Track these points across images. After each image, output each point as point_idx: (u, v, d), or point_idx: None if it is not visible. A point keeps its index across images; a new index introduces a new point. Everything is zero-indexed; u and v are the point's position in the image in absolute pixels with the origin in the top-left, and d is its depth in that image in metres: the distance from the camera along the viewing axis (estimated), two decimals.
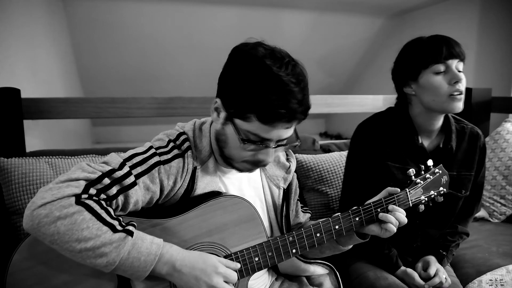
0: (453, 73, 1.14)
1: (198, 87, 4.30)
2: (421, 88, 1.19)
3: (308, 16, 4.07)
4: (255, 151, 0.90)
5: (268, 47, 0.87)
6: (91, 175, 0.80)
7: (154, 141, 0.95)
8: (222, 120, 0.90)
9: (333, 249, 1.07)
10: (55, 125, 2.84)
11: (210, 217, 0.91)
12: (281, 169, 1.11)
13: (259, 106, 0.82)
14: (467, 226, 1.37)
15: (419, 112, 1.24)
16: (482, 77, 3.25)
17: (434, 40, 1.17)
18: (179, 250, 0.82)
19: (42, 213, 0.73)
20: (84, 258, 0.74)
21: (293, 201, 1.14)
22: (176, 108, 1.82)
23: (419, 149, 1.24)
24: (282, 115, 0.82)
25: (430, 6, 3.85)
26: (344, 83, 5.26)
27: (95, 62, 4.05)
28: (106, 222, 0.76)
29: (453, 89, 1.14)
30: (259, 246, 0.92)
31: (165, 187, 0.90)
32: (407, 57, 1.21)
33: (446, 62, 1.14)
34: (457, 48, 1.15)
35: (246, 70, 0.83)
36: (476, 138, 1.30)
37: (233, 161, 0.94)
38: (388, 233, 0.98)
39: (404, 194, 1.05)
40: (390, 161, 1.24)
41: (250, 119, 0.84)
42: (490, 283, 1.31)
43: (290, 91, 0.81)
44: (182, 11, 3.65)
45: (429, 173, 1.10)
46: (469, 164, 1.29)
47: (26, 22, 2.40)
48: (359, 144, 1.29)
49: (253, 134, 0.86)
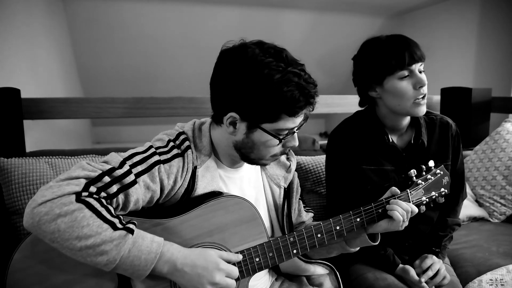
0: (417, 78, 1.15)
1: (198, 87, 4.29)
2: (386, 93, 1.19)
3: (308, 16, 4.07)
4: (285, 142, 0.93)
5: (255, 45, 0.89)
6: (91, 174, 0.80)
7: (154, 141, 0.95)
8: (244, 131, 0.91)
9: (341, 250, 1.08)
10: (55, 125, 2.85)
11: (211, 217, 0.91)
12: (282, 168, 1.11)
13: (287, 105, 0.86)
14: (456, 216, 1.37)
15: (386, 112, 1.25)
16: (482, 77, 3.25)
17: (395, 44, 1.15)
18: (179, 249, 0.82)
19: (43, 211, 0.73)
20: (85, 256, 0.74)
21: (295, 200, 1.14)
22: (176, 108, 1.82)
23: (391, 148, 1.25)
24: (307, 102, 0.88)
25: (430, 6, 3.85)
26: (344, 83, 5.26)
27: (95, 62, 4.05)
28: (107, 220, 0.76)
29: (418, 93, 1.15)
30: (259, 247, 0.91)
31: (165, 187, 0.90)
32: (369, 60, 1.20)
33: (410, 67, 1.14)
34: (418, 51, 1.15)
35: (259, 78, 0.84)
36: (447, 127, 1.31)
37: (261, 160, 0.96)
38: (396, 224, 0.99)
39: (405, 194, 1.05)
40: (364, 164, 1.25)
41: (279, 118, 0.88)
42: (490, 282, 1.31)
43: (304, 79, 0.87)
44: (182, 11, 3.65)
45: (430, 173, 1.10)
46: (443, 154, 1.30)
47: (26, 22, 2.40)
48: (333, 152, 1.30)
49: (283, 129, 0.90)
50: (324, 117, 5.97)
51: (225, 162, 1.02)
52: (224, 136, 0.96)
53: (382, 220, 1.02)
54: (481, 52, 3.27)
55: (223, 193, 0.97)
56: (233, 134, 0.93)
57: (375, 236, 1.05)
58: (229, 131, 0.92)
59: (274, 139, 0.90)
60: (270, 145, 0.92)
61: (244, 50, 0.88)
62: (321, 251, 1.10)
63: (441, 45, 3.66)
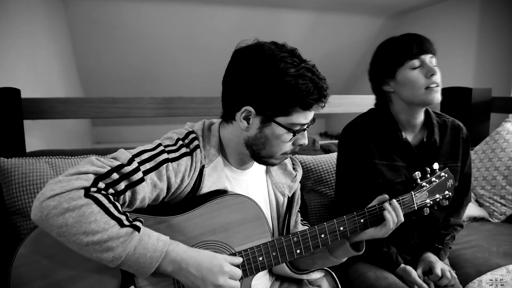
0: (428, 67, 1.18)
1: (198, 87, 4.30)
2: (399, 84, 1.22)
3: (308, 16, 4.07)
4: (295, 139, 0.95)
5: (270, 43, 0.92)
6: (100, 169, 0.80)
7: (163, 139, 0.95)
8: (257, 125, 0.92)
9: (325, 260, 1.06)
10: (55, 125, 2.84)
11: (215, 216, 0.91)
12: (287, 177, 1.11)
13: (301, 97, 0.88)
14: (459, 218, 1.39)
15: (401, 108, 1.27)
16: (482, 77, 3.25)
17: (406, 39, 1.21)
18: (185, 249, 0.82)
19: (51, 205, 0.73)
20: (91, 252, 0.74)
21: (295, 210, 1.13)
22: (176, 108, 1.82)
23: (404, 144, 1.27)
24: (320, 95, 0.90)
25: (430, 6, 3.85)
26: (344, 83, 5.26)
27: (95, 62, 4.05)
28: (114, 216, 0.76)
29: (429, 81, 1.18)
30: (263, 246, 0.91)
31: (172, 185, 0.90)
32: (382, 57, 1.25)
33: (420, 57, 1.18)
34: (427, 44, 1.20)
35: (276, 71, 0.87)
36: (458, 130, 1.34)
37: (272, 158, 0.96)
38: (385, 230, 0.99)
39: (409, 196, 1.05)
40: (377, 159, 1.27)
41: (293, 111, 0.89)
42: (490, 283, 1.31)
43: (317, 76, 0.90)
44: (182, 11, 3.65)
45: (434, 176, 1.09)
46: (454, 155, 1.32)
47: (26, 22, 2.40)
48: (346, 147, 1.32)
49: (296, 124, 0.91)
50: (324, 117, 5.97)
51: (232, 162, 1.02)
52: (235, 134, 0.97)
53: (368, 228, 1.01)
54: (481, 52, 3.27)
55: (228, 192, 0.97)
56: (246, 130, 0.93)
57: (359, 246, 1.04)
58: (243, 127, 0.93)
59: (287, 134, 0.92)
60: (283, 140, 0.92)
61: (260, 46, 0.91)
62: (307, 261, 1.09)
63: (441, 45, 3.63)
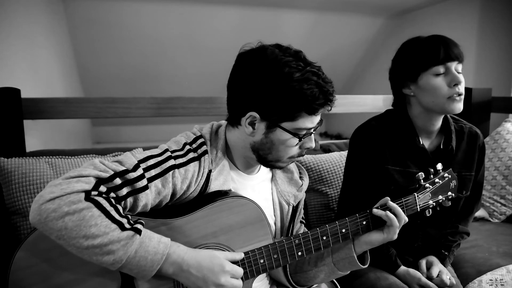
0: (453, 75, 1.13)
1: (198, 87, 4.30)
2: (420, 90, 1.17)
3: (308, 16, 4.07)
4: (302, 143, 0.94)
5: (274, 46, 0.91)
6: (102, 174, 0.78)
7: (170, 143, 0.94)
8: (263, 131, 0.91)
9: (329, 273, 1.02)
10: (55, 125, 2.84)
11: (216, 218, 0.90)
12: (293, 186, 1.10)
13: (307, 102, 0.87)
14: (467, 226, 1.37)
15: (419, 113, 1.22)
16: (482, 77, 3.25)
17: (433, 41, 1.15)
18: (186, 250, 0.81)
19: (50, 208, 0.72)
20: (91, 255, 0.74)
21: (297, 220, 1.12)
22: (176, 108, 1.82)
23: (421, 151, 1.23)
24: (326, 99, 0.90)
25: (430, 6, 3.85)
26: (344, 83, 5.26)
27: (95, 62, 4.05)
28: (115, 220, 0.75)
29: (452, 91, 1.13)
30: (264, 248, 0.90)
31: (177, 191, 0.89)
32: (405, 57, 1.19)
33: (445, 64, 1.13)
34: (455, 49, 1.14)
35: (280, 76, 0.86)
36: (475, 138, 1.29)
37: (278, 161, 0.96)
38: (393, 229, 0.96)
39: (412, 198, 1.04)
40: (390, 164, 1.22)
41: (299, 116, 0.89)
42: (490, 283, 1.31)
43: (323, 79, 0.89)
44: (182, 11, 3.65)
45: (438, 177, 1.08)
46: (469, 164, 1.28)
47: (26, 22, 2.40)
48: (357, 149, 1.27)
49: (302, 129, 0.91)
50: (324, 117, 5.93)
51: (239, 166, 1.01)
52: (240, 138, 0.96)
53: (375, 233, 0.98)
54: (481, 52, 3.27)
55: (229, 193, 0.96)
56: (251, 135, 0.93)
57: (364, 258, 1.02)
58: (248, 132, 0.92)
59: (293, 139, 0.91)
60: (289, 144, 0.92)
61: (264, 50, 0.89)
62: (308, 275, 1.04)
63: None
